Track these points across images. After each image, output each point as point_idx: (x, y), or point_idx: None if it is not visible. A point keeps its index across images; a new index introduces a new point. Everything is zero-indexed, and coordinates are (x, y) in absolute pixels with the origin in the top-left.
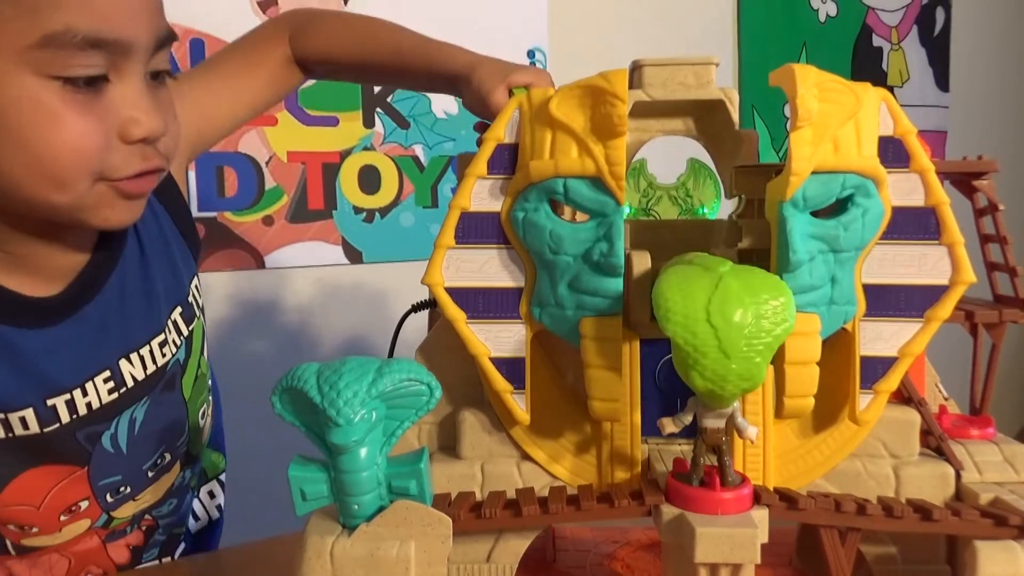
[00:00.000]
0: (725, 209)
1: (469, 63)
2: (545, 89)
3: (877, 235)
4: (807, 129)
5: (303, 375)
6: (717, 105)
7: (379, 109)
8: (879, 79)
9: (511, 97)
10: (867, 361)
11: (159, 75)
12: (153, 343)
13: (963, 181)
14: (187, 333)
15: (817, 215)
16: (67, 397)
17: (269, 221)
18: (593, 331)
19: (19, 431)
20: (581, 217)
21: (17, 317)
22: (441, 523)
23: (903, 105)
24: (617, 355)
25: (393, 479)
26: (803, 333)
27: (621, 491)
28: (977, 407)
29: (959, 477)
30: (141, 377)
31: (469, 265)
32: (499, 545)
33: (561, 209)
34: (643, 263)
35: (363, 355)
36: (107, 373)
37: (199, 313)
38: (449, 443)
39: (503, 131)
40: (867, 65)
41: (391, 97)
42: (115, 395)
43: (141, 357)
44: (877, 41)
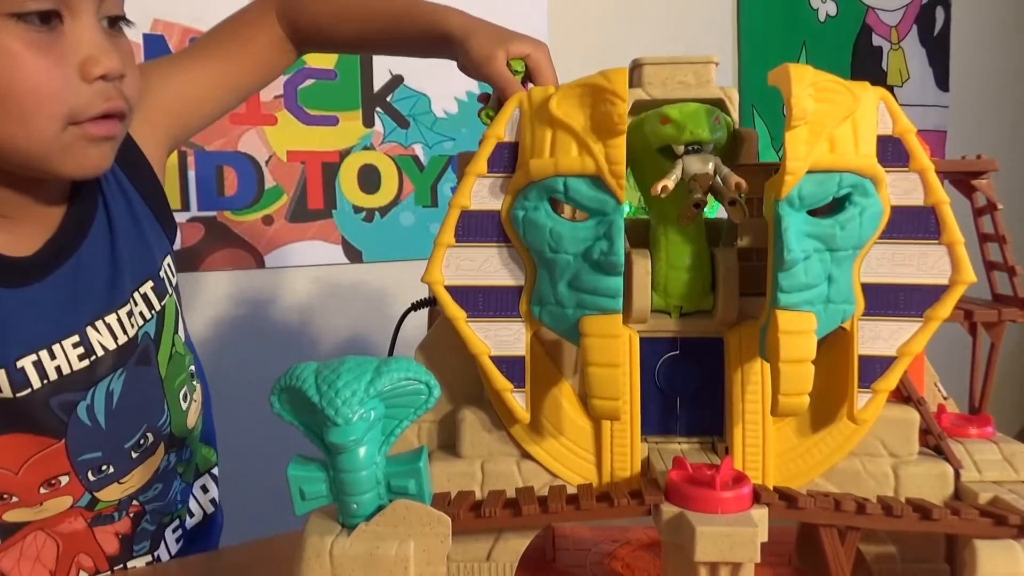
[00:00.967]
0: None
1: (464, 26)
2: (545, 88)
3: (876, 234)
4: (803, 128)
5: (301, 374)
6: (717, 104)
7: (379, 108)
8: (879, 78)
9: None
10: (865, 360)
11: (115, 22)
12: (121, 312)
13: (962, 180)
14: (159, 308)
15: (815, 214)
16: (34, 358)
17: (269, 220)
18: (593, 329)
19: None
20: (581, 216)
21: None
22: (440, 522)
23: (903, 105)
24: (617, 353)
25: (392, 478)
26: (798, 331)
27: (621, 490)
28: (976, 406)
29: (958, 476)
30: (111, 347)
31: (469, 263)
32: (499, 544)
33: (561, 208)
34: (643, 262)
35: (363, 354)
36: (75, 338)
37: (171, 291)
38: (449, 442)
39: (503, 129)
40: (867, 65)
41: (391, 96)
42: (85, 362)
43: (108, 326)
44: (877, 41)
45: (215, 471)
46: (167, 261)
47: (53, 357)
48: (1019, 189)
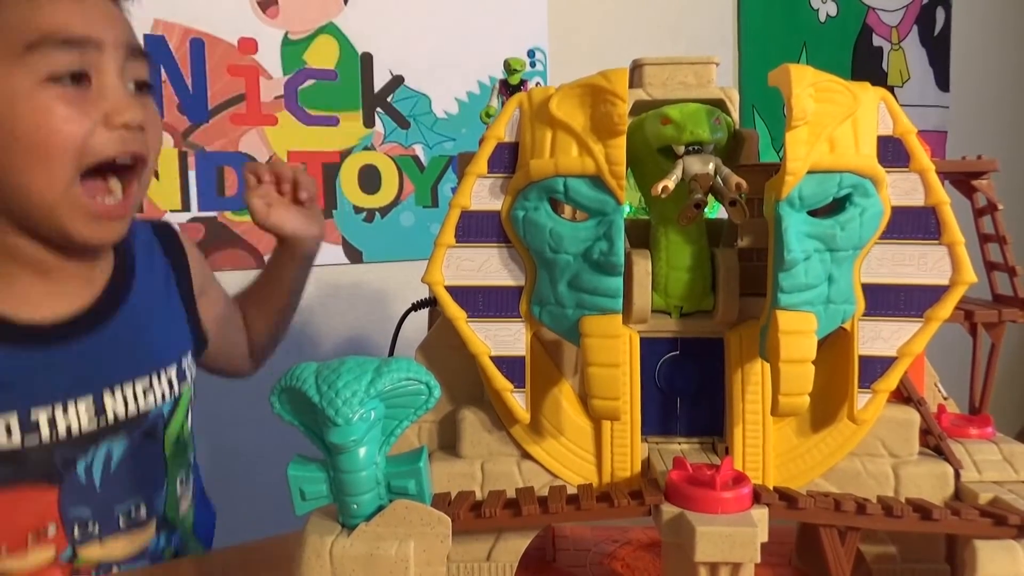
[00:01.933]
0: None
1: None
2: (545, 88)
3: (876, 235)
4: (803, 128)
5: (302, 375)
6: (717, 105)
7: (379, 109)
8: (879, 79)
9: None
10: (866, 360)
11: (141, 87)
12: (138, 385)
13: (962, 181)
14: (178, 393)
15: (815, 214)
16: (48, 414)
17: None
18: (593, 329)
19: (2, 441)
20: (581, 216)
21: (16, 341)
22: (440, 522)
23: (903, 105)
24: (617, 354)
25: (392, 478)
26: (799, 331)
27: (621, 490)
28: (976, 406)
29: (958, 476)
30: (122, 415)
31: (469, 264)
32: (499, 544)
33: (561, 208)
34: (643, 262)
35: (363, 354)
36: (89, 399)
37: (190, 381)
38: (449, 442)
39: (503, 130)
40: (867, 65)
41: (391, 97)
42: (94, 425)
43: (124, 396)
44: (877, 41)
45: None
46: (188, 359)
47: (66, 413)
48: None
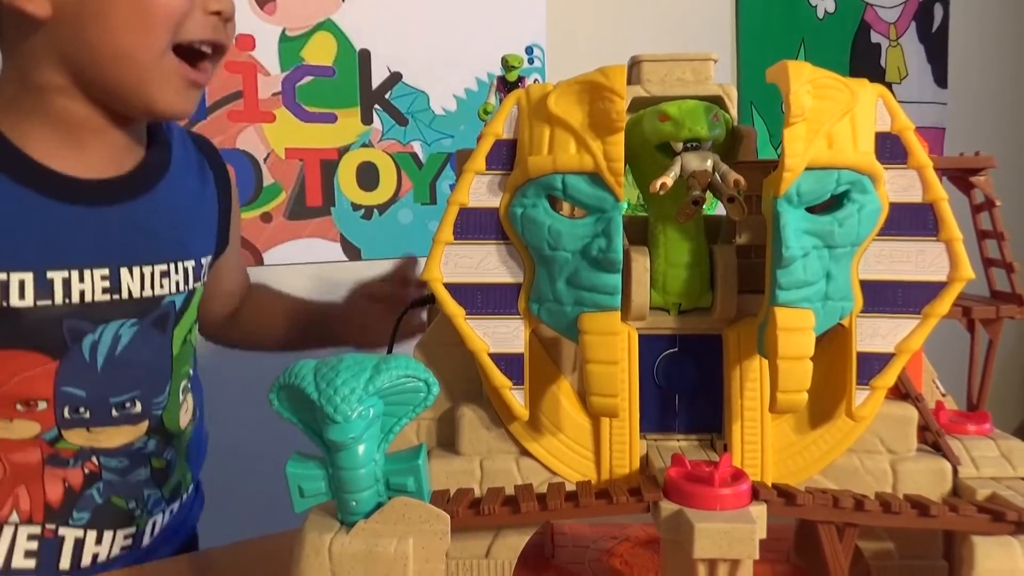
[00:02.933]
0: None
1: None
2: (543, 84)
3: (874, 231)
4: (800, 125)
5: (300, 372)
6: (715, 101)
7: (377, 106)
8: (877, 75)
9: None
10: (864, 357)
11: None
12: (156, 269)
13: (960, 177)
14: (191, 288)
15: (813, 211)
16: (64, 274)
17: (267, 218)
18: (591, 326)
19: (14, 300)
20: (579, 213)
21: (55, 191)
22: (439, 519)
23: (901, 101)
24: (615, 351)
25: (391, 476)
26: (797, 328)
27: (619, 487)
28: (974, 403)
29: (956, 473)
30: (137, 294)
31: (467, 261)
32: (498, 541)
33: (560, 205)
34: (642, 259)
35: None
36: (106, 271)
37: (202, 283)
38: (448, 439)
39: (501, 127)
40: (865, 61)
41: (389, 93)
42: (107, 297)
43: (141, 275)
44: (875, 37)
45: (186, 496)
46: (207, 259)
47: (82, 280)
48: (1017, 186)
